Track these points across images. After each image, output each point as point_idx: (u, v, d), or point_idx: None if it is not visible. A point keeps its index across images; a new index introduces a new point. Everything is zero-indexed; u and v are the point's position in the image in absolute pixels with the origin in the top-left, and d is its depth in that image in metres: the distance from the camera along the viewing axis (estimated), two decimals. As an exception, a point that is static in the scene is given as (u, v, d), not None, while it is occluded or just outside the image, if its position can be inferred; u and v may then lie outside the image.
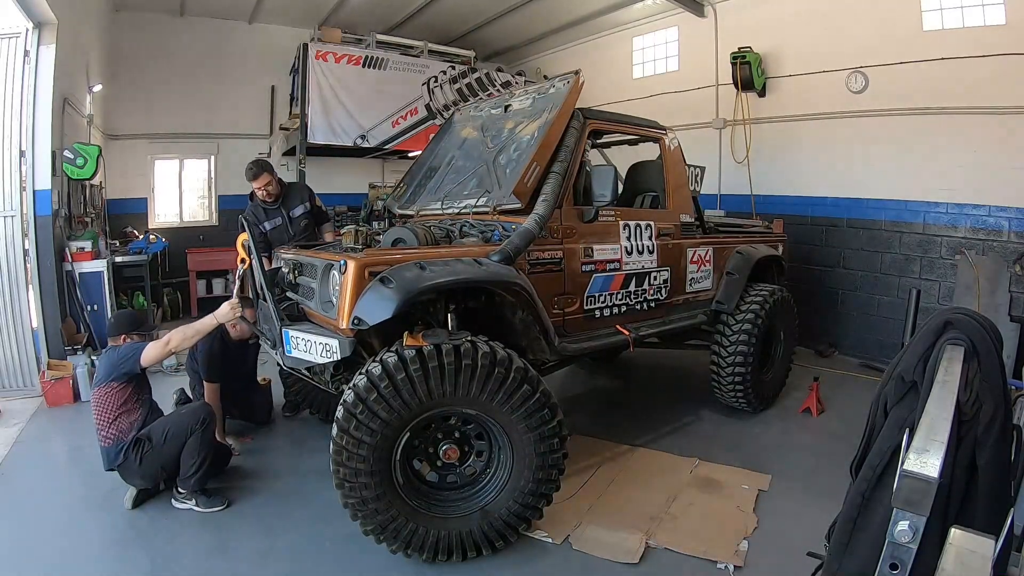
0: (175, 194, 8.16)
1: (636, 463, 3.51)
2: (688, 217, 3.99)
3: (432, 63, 7.62)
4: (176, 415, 3.12)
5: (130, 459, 2.88)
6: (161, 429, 2.95)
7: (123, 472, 2.94)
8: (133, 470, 2.91)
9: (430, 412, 2.43)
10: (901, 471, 0.87)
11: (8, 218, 4.51)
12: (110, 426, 2.90)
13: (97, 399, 2.95)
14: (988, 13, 4.69)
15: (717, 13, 6.79)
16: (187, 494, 2.98)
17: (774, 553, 2.60)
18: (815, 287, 6.03)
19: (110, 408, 2.91)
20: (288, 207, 4.25)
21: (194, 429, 2.92)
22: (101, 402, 2.93)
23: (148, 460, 2.89)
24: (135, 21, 7.33)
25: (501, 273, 2.68)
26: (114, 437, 2.90)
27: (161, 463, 2.92)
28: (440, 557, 2.50)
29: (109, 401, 2.92)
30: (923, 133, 5.16)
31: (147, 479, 2.98)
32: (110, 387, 2.92)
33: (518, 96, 3.88)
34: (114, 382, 2.93)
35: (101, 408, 2.92)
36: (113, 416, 2.91)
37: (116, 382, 2.93)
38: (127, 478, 2.96)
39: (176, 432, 2.92)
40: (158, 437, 2.92)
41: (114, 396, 2.92)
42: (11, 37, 4.48)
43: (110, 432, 2.90)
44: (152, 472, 2.95)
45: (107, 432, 2.91)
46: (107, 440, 2.91)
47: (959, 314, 1.33)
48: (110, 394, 2.92)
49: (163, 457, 2.91)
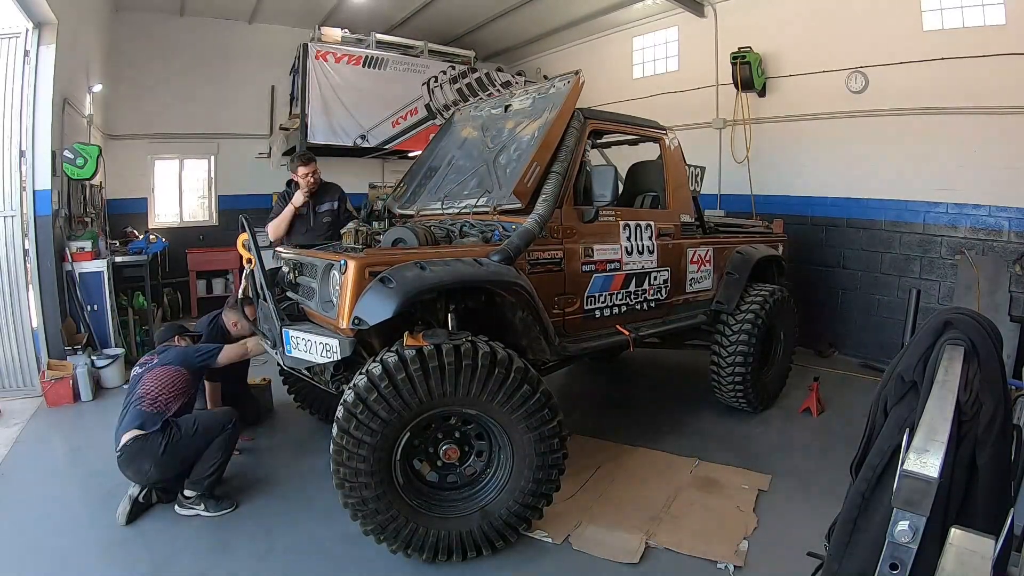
0: (175, 194, 8.16)
1: (636, 463, 3.51)
2: (688, 217, 3.99)
3: (432, 63, 7.61)
4: (207, 413, 3.25)
5: (156, 440, 2.83)
6: (191, 422, 2.97)
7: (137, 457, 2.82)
8: (151, 453, 2.81)
9: (430, 412, 2.43)
10: (901, 471, 0.87)
11: (8, 218, 4.50)
12: (158, 400, 2.95)
13: (159, 376, 3.05)
14: (988, 13, 4.69)
15: (717, 13, 6.79)
16: (195, 499, 2.92)
17: (774, 553, 2.60)
18: (815, 287, 6.03)
19: (168, 387, 3.02)
20: (317, 201, 4.34)
21: (225, 428, 2.98)
22: (162, 379, 3.04)
23: (173, 448, 2.85)
24: (135, 21, 7.33)
25: (501, 273, 2.68)
26: (158, 409, 2.93)
27: (183, 455, 2.89)
28: (440, 557, 2.50)
29: (172, 382, 3.05)
30: (923, 133, 5.16)
31: (159, 469, 2.85)
32: (178, 371, 3.10)
33: (518, 96, 3.88)
34: (184, 369, 3.12)
35: (160, 383, 3.01)
36: (168, 395, 3.00)
37: (187, 370, 3.13)
38: (136, 466, 2.83)
39: (207, 427, 2.96)
40: (187, 428, 2.93)
41: (179, 380, 3.08)
42: (11, 37, 4.48)
43: (156, 404, 2.94)
44: (171, 463, 2.86)
45: (154, 402, 2.94)
46: (151, 406, 2.92)
47: (959, 314, 1.32)
48: (176, 377, 3.08)
49: (188, 449, 2.90)
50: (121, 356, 4.91)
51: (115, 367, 4.82)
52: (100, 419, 4.19)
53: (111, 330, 5.10)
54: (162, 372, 3.08)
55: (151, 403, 2.93)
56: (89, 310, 4.99)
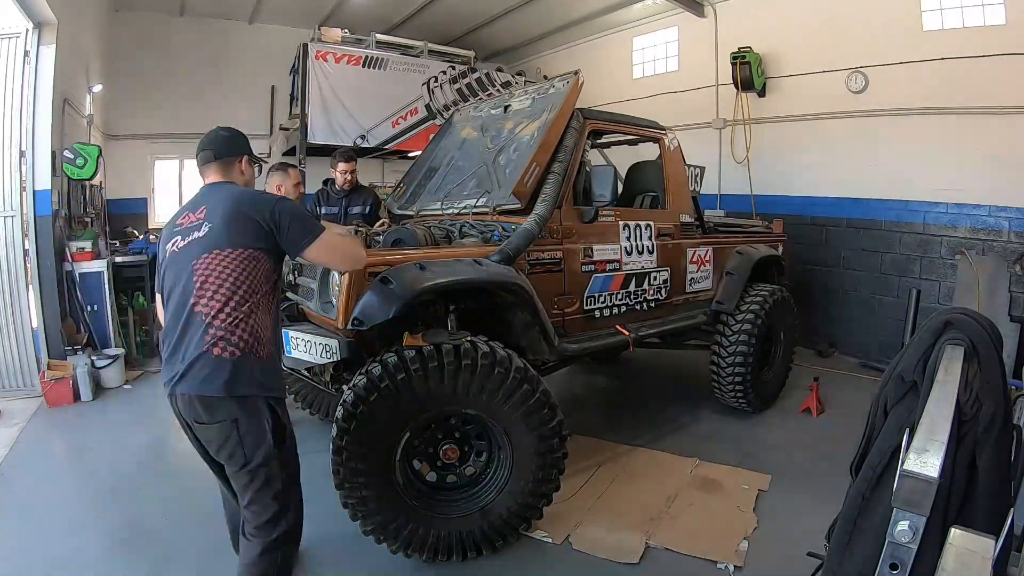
0: (175, 194, 8.16)
1: (636, 463, 3.51)
2: (688, 217, 3.98)
3: (432, 63, 7.60)
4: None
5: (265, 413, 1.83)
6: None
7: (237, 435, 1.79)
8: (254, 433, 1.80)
9: (430, 412, 2.43)
10: (901, 471, 0.87)
11: (8, 218, 4.50)
12: (240, 323, 1.76)
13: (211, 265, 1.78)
14: (988, 13, 4.69)
15: (717, 13, 6.79)
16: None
17: (774, 553, 2.60)
18: (815, 287, 6.03)
19: (247, 279, 1.78)
20: (350, 202, 4.36)
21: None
22: (228, 269, 1.77)
23: (292, 446, 1.98)
24: (135, 21, 7.33)
25: (501, 273, 2.68)
26: (246, 343, 1.77)
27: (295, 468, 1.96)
28: (440, 557, 2.50)
29: (244, 269, 1.79)
30: (923, 133, 5.16)
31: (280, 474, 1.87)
32: (246, 253, 1.80)
33: (518, 96, 3.88)
34: (254, 249, 1.81)
35: (228, 275, 1.77)
36: (250, 307, 1.78)
37: (259, 251, 1.82)
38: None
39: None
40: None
41: (255, 266, 1.81)
42: (11, 37, 4.47)
43: (239, 332, 1.75)
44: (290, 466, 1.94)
45: (233, 330, 1.75)
46: (233, 347, 1.75)
47: (959, 314, 1.32)
48: (246, 262, 1.79)
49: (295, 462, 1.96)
50: (121, 356, 4.91)
51: (115, 367, 4.81)
52: (100, 419, 4.20)
53: (111, 330, 5.09)
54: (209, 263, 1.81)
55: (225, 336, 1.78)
56: (89, 310, 4.99)
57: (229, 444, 1.80)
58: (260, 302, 1.83)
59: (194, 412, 1.81)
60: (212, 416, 1.79)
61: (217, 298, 1.76)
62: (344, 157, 4.30)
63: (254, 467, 1.82)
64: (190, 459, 3.62)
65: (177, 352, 1.80)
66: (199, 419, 1.82)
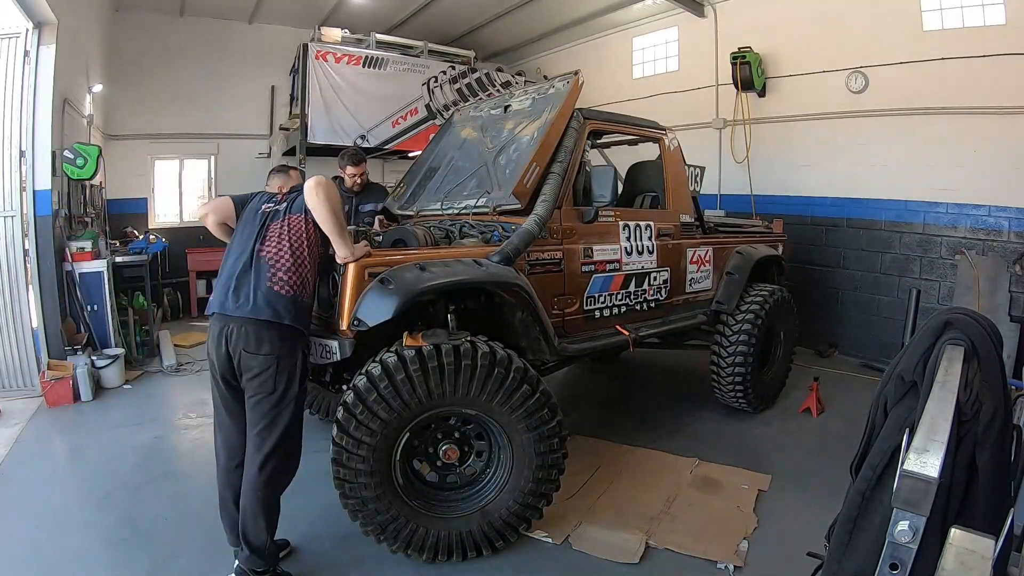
0: (175, 194, 8.17)
1: (636, 463, 3.51)
2: (688, 217, 3.99)
3: (432, 63, 7.61)
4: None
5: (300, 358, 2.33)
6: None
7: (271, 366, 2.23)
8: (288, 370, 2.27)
9: (430, 412, 2.43)
10: (901, 471, 0.87)
11: (8, 218, 4.50)
12: (296, 269, 2.31)
13: (285, 228, 2.34)
14: (988, 13, 4.69)
15: (717, 13, 6.79)
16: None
17: (774, 553, 2.60)
18: (815, 287, 6.03)
19: (303, 241, 2.35)
20: (360, 201, 4.27)
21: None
22: (293, 232, 2.34)
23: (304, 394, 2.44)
24: (135, 21, 7.33)
25: (501, 274, 2.69)
26: (295, 285, 2.30)
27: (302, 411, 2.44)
28: (440, 557, 2.50)
29: (303, 233, 2.35)
30: (923, 133, 5.16)
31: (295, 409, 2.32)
32: (306, 220, 2.36)
33: (518, 96, 3.88)
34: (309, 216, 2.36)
35: (291, 238, 2.33)
36: (305, 260, 2.34)
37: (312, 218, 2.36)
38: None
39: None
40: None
41: (310, 230, 2.37)
42: (11, 37, 4.47)
43: (293, 277, 2.29)
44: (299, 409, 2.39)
45: (288, 274, 2.29)
46: (287, 286, 2.27)
47: (959, 314, 1.32)
48: (307, 226, 2.36)
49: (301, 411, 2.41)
50: (121, 356, 4.91)
51: (115, 367, 4.81)
52: (100, 419, 4.20)
53: (111, 330, 5.09)
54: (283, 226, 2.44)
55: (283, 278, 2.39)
56: (89, 310, 4.99)
57: (266, 374, 2.23)
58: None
59: (244, 341, 2.22)
60: (259, 349, 2.22)
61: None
62: (353, 160, 4.10)
63: (277, 397, 2.26)
64: (190, 459, 3.67)
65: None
66: (248, 348, 2.22)
